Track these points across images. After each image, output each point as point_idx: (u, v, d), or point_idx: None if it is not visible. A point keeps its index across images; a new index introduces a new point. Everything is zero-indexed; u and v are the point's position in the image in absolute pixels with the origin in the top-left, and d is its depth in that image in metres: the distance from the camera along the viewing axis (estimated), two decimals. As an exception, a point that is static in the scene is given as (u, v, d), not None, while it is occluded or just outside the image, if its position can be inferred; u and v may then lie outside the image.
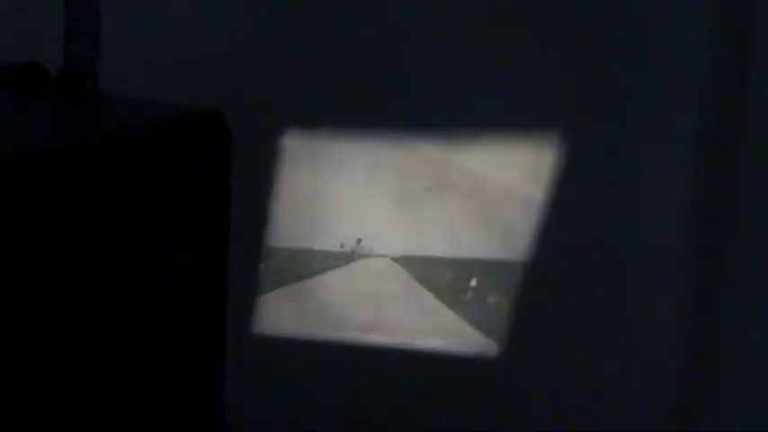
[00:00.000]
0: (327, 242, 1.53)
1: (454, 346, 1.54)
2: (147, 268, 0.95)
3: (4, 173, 0.79)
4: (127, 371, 0.94)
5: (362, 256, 1.53)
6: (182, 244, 1.00)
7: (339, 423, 1.56)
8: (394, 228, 1.52)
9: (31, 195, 0.81)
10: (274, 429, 1.55)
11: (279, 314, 1.56)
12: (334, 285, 1.54)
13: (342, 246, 1.53)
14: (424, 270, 1.53)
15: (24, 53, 1.06)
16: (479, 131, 1.49)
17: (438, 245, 1.52)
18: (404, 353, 1.54)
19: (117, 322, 0.92)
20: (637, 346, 1.50)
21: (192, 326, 1.03)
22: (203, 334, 1.05)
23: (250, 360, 1.52)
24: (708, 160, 1.45)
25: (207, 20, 1.49)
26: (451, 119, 1.49)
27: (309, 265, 1.54)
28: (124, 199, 0.92)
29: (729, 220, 1.46)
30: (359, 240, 1.52)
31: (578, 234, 1.49)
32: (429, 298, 1.53)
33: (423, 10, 1.46)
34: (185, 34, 1.49)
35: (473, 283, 1.50)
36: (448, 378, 1.54)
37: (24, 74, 1.04)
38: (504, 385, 1.54)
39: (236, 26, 1.49)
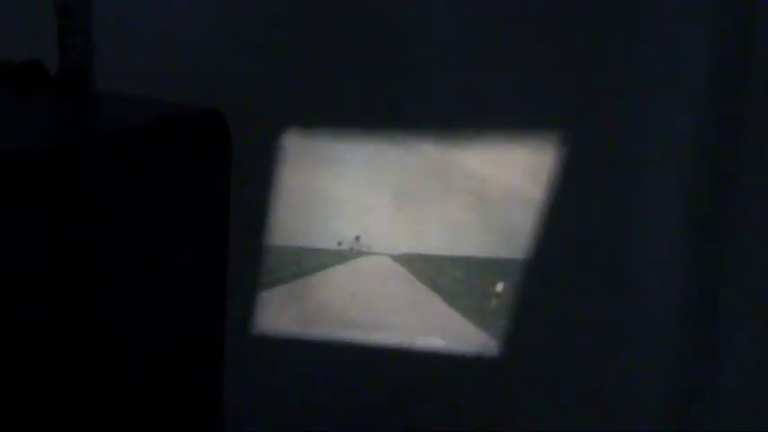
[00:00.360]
0: (326, 240, 1.53)
1: (454, 345, 1.53)
2: (146, 268, 0.95)
3: (4, 173, 0.79)
4: (127, 371, 0.94)
5: (361, 253, 1.53)
6: (182, 244, 1.00)
7: (339, 423, 1.56)
8: (393, 226, 1.52)
9: (31, 195, 0.81)
10: (274, 429, 1.55)
11: (278, 313, 1.56)
12: (332, 283, 1.54)
13: (339, 243, 1.53)
14: (423, 269, 1.53)
15: (24, 53, 1.06)
16: (479, 131, 1.49)
17: (437, 244, 1.52)
18: (403, 352, 1.54)
19: (117, 322, 0.92)
20: (637, 347, 1.50)
21: (192, 326, 1.03)
22: (203, 334, 1.05)
23: (250, 360, 1.52)
24: (708, 160, 1.45)
25: (207, 20, 1.49)
26: (451, 119, 1.49)
27: (308, 263, 1.54)
28: (124, 199, 0.92)
29: (729, 220, 1.46)
30: (357, 238, 1.52)
31: (578, 234, 1.49)
32: (428, 296, 1.53)
33: (423, 10, 1.46)
34: (185, 34, 1.49)
35: (499, 288, 1.50)
36: (448, 378, 1.54)
37: (24, 73, 1.04)
38: (504, 385, 1.54)
39: (236, 26, 1.49)
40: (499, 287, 1.51)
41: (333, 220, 1.52)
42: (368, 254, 1.53)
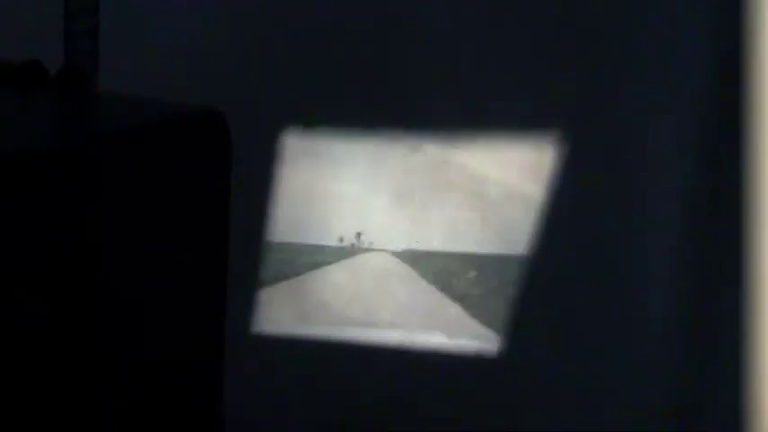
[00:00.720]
0: (327, 237, 1.53)
1: (454, 342, 1.53)
2: (146, 268, 0.95)
3: (4, 173, 0.79)
4: (127, 371, 0.94)
5: (362, 250, 1.53)
6: (182, 244, 1.00)
7: (339, 423, 1.56)
8: (393, 224, 1.52)
9: (31, 195, 0.81)
10: (274, 429, 1.55)
11: (278, 311, 1.56)
12: (332, 280, 1.54)
13: (341, 240, 1.53)
14: (424, 264, 1.53)
15: (24, 53, 1.06)
16: (479, 131, 1.49)
17: (437, 241, 1.52)
18: (404, 351, 1.54)
19: (117, 322, 0.92)
20: (637, 347, 1.50)
21: (192, 326, 1.03)
22: (203, 334, 1.05)
23: (249, 359, 1.52)
24: (708, 160, 1.45)
25: (207, 20, 1.49)
26: (451, 118, 1.49)
27: (308, 260, 1.54)
28: (124, 199, 0.92)
29: (729, 220, 1.46)
30: (358, 234, 1.52)
31: (578, 234, 1.49)
32: (428, 292, 1.53)
33: (423, 9, 1.46)
34: (185, 34, 1.49)
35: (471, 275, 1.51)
36: (448, 376, 1.54)
37: (24, 73, 1.04)
38: (503, 385, 1.54)
39: (236, 26, 1.49)
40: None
41: (333, 219, 1.53)
42: (369, 251, 1.53)
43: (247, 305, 1.55)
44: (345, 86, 1.49)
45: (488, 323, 1.52)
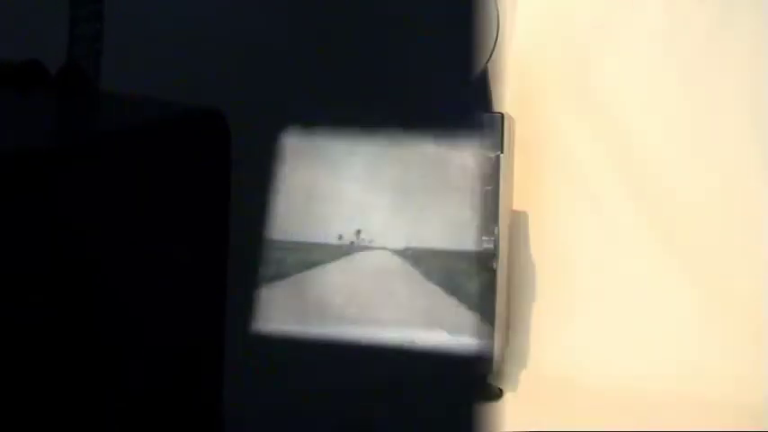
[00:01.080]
0: (326, 235, 1.53)
1: (455, 340, 1.53)
2: (146, 268, 0.95)
3: (4, 173, 0.79)
4: (127, 371, 0.94)
5: (362, 248, 1.53)
6: (181, 243, 1.00)
7: (339, 422, 1.56)
8: (393, 223, 1.52)
9: (31, 195, 0.81)
10: (274, 429, 1.55)
11: (278, 309, 1.56)
12: (332, 278, 1.54)
13: (340, 237, 1.53)
14: (424, 262, 1.53)
15: (24, 53, 1.06)
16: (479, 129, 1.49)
17: (437, 240, 1.52)
18: (405, 349, 1.54)
19: (117, 322, 0.92)
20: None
21: (192, 326, 1.03)
22: (203, 334, 1.05)
23: (249, 359, 1.51)
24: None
25: (207, 20, 1.49)
26: (451, 117, 1.49)
27: (307, 258, 1.54)
28: (124, 198, 0.92)
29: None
30: (358, 232, 1.52)
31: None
32: (430, 291, 1.53)
33: (422, 8, 1.46)
34: (185, 34, 1.49)
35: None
36: (448, 376, 1.54)
37: (24, 72, 1.04)
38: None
39: (236, 26, 1.49)
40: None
41: (332, 216, 1.52)
42: (369, 248, 1.53)
43: (247, 305, 1.55)
44: (345, 86, 1.49)
45: (489, 322, 1.52)
